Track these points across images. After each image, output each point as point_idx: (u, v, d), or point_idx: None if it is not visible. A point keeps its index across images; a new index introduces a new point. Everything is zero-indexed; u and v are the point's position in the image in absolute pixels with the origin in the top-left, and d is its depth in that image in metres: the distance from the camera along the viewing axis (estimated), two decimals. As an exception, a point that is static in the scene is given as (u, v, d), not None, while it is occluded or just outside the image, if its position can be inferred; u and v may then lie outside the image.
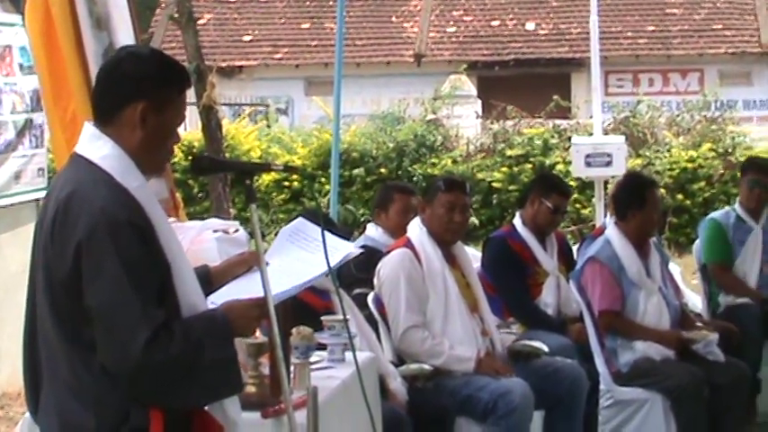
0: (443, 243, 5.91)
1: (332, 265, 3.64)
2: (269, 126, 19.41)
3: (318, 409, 3.57)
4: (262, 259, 3.43)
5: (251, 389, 3.94)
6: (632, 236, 6.34)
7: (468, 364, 5.71)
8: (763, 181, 7.59)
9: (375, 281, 5.89)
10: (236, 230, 4.91)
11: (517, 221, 7.05)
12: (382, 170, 16.86)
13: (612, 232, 6.40)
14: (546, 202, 6.98)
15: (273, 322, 3.38)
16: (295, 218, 4.11)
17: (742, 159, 12.57)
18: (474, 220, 13.25)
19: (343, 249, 3.84)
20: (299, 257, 3.77)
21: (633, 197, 6.47)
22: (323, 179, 16.15)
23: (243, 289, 3.53)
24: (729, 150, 15.98)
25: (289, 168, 4.14)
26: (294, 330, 4.38)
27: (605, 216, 7.95)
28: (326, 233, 3.71)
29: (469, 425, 5.66)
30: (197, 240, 4.70)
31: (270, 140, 18.01)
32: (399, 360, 5.75)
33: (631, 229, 6.36)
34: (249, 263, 3.69)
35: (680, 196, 15.51)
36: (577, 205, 15.45)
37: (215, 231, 4.78)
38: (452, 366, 5.69)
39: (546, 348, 6.05)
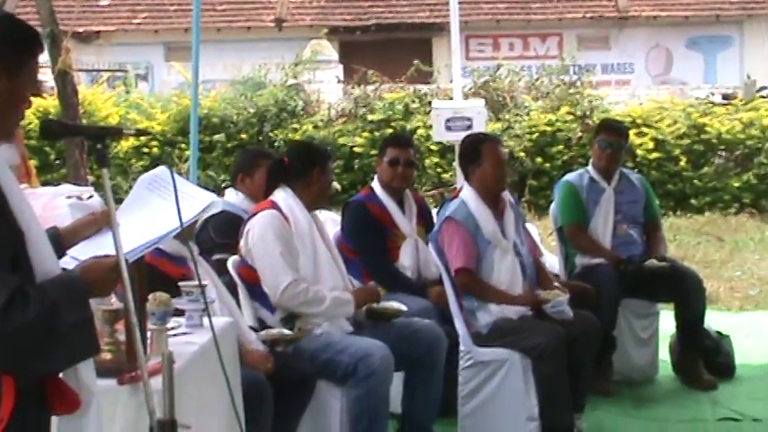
0: (313, 208, 5.95)
1: (194, 214, 3.59)
2: (128, 92, 19.14)
3: (174, 375, 3.53)
4: (115, 223, 3.38)
5: (107, 356, 3.89)
6: (481, 193, 6.40)
7: (349, 306, 5.78)
8: (613, 142, 7.72)
9: (242, 244, 5.84)
10: (90, 196, 4.85)
11: (375, 185, 7.08)
12: (243, 135, 16.76)
13: (467, 193, 6.45)
14: (383, 158, 7.04)
15: (127, 287, 3.33)
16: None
17: (599, 122, 12.78)
18: (336, 185, 13.23)
19: (203, 199, 3.79)
20: (159, 206, 3.71)
21: (470, 154, 6.55)
22: (183, 145, 16.01)
23: (98, 248, 3.47)
24: (587, 114, 16.22)
25: (141, 132, 4.04)
26: (151, 296, 4.34)
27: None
28: (187, 183, 3.66)
29: (330, 388, 5.69)
30: (50, 207, 4.64)
31: (128, 106, 17.77)
32: (260, 325, 5.74)
33: (477, 187, 6.42)
34: (100, 224, 3.63)
35: (539, 159, 15.71)
36: (438, 169, 15.57)
37: (68, 197, 4.71)
38: (336, 310, 5.75)
39: (404, 308, 6.09)
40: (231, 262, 5.93)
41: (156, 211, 3.70)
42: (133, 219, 3.59)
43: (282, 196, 5.88)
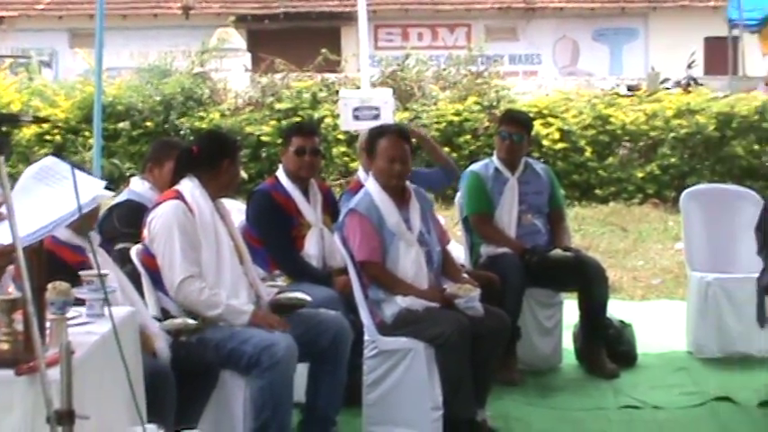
0: (219, 197, 5.90)
1: (83, 203, 3.53)
2: (31, 79, 18.86)
3: (74, 366, 3.48)
4: (12, 211, 3.32)
5: (4, 346, 3.84)
6: (382, 186, 6.39)
7: (243, 317, 5.69)
8: (513, 133, 7.77)
9: (145, 233, 5.79)
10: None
11: (281, 174, 7.05)
12: (148, 123, 16.60)
13: (371, 184, 6.45)
14: (288, 147, 7.03)
15: (24, 276, 3.29)
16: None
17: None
18: (243, 173, 13.18)
19: (93, 188, 3.73)
20: (47, 196, 3.65)
21: (368, 148, 6.58)
22: (86, 133, 15.82)
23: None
24: (494, 104, 16.29)
25: (38, 119, 4.01)
26: (50, 285, 4.27)
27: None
28: (77, 171, 3.60)
29: (234, 378, 5.66)
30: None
31: (31, 93, 17.50)
32: (164, 314, 5.69)
33: (377, 180, 6.42)
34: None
35: (446, 149, 15.72)
36: (345, 158, 15.55)
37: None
38: (228, 318, 5.67)
39: (309, 298, 6.08)
40: (135, 251, 5.87)
41: (44, 199, 3.64)
42: (22, 207, 3.52)
43: (189, 186, 5.83)
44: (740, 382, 7.41)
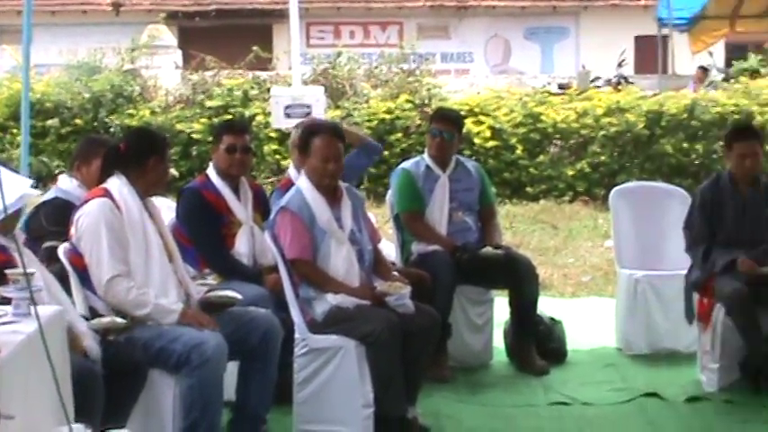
0: (148, 195, 5.87)
1: (9, 203, 3.49)
2: (-44, 76, 18.63)
3: (-1, 365, 3.45)
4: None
5: (-72, 346, 3.78)
6: (314, 185, 6.38)
7: (172, 316, 5.66)
8: (443, 130, 7.79)
9: (72, 231, 5.73)
10: None
11: (211, 172, 7.01)
12: (78, 121, 16.46)
13: (303, 182, 6.43)
14: (219, 145, 7.00)
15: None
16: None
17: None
18: (173, 171, 13.09)
19: (20, 187, 3.69)
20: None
21: (302, 145, 6.56)
22: (14, 130, 15.66)
23: None
24: (426, 102, 16.32)
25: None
26: (-25, 285, 4.22)
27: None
28: (3, 169, 3.56)
29: (163, 377, 5.61)
30: None
31: (-44, 90, 17.31)
32: (92, 313, 5.64)
33: (309, 178, 6.41)
34: None
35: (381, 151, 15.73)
36: (277, 156, 15.51)
37: None
38: (157, 317, 5.63)
39: (239, 296, 6.06)
40: (62, 249, 5.82)
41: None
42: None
43: (117, 184, 5.78)
44: (668, 378, 7.49)
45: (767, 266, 7.16)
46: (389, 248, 7.83)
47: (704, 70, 25.53)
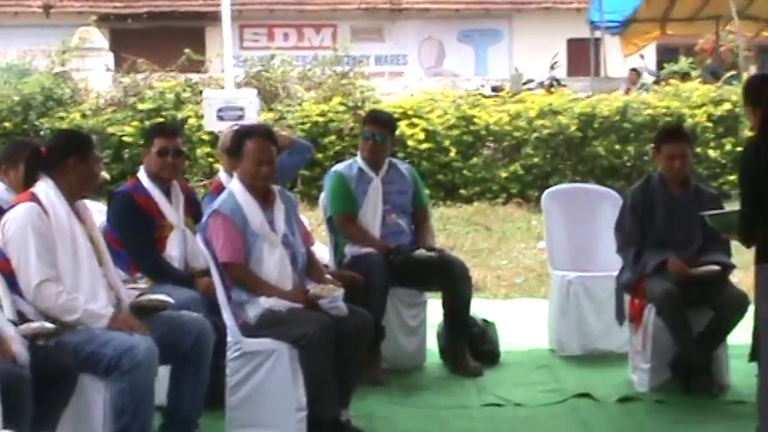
0: (76, 198, 5.82)
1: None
2: None
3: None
4: None
5: None
6: (247, 188, 6.36)
7: (102, 321, 5.61)
8: (376, 133, 7.79)
9: (-1, 236, 5.68)
10: None
11: (142, 175, 6.96)
12: (6, 124, 16.27)
13: (236, 185, 6.40)
14: (150, 148, 6.95)
15: None
16: None
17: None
18: (105, 174, 13.00)
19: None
20: None
21: (234, 148, 6.54)
22: (-59, 135, 15.49)
23: None
24: (359, 104, 16.31)
25: None
26: None
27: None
28: None
29: (93, 382, 5.56)
30: None
31: None
32: (20, 318, 5.58)
33: (242, 180, 6.38)
34: None
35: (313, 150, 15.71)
36: (210, 159, 15.43)
37: None
38: (87, 322, 5.58)
39: (171, 300, 6.02)
40: (-11, 254, 5.74)
41: None
42: None
43: (43, 188, 5.73)
44: (600, 379, 7.54)
45: (697, 267, 7.23)
46: (323, 251, 7.82)
47: (636, 73, 25.76)
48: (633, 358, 7.51)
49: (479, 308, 8.58)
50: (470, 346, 7.85)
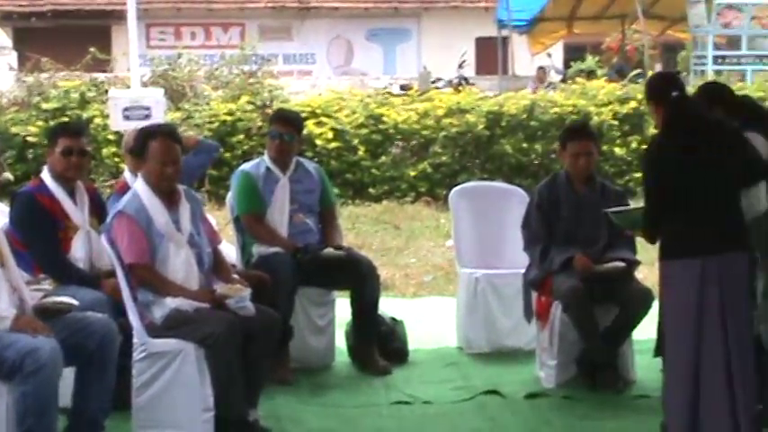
0: None
1: None
2: None
3: None
4: None
5: None
6: (152, 188, 6.32)
7: (4, 323, 5.54)
8: (283, 132, 7.77)
9: None
10: None
11: (45, 175, 6.86)
12: None
13: (140, 185, 6.35)
14: (54, 148, 6.84)
15: None
16: None
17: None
18: (8, 175, 12.81)
19: None
20: None
21: (139, 148, 6.50)
22: None
23: None
24: (267, 103, 16.24)
25: None
26: None
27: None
28: None
29: (-4, 385, 5.49)
30: None
31: None
32: None
33: (147, 181, 6.34)
34: None
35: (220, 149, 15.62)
36: (116, 159, 15.26)
37: None
38: None
39: (75, 302, 5.96)
40: None
41: None
42: None
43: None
44: (507, 376, 7.59)
45: (602, 264, 7.30)
46: (230, 250, 7.78)
47: (544, 71, 26.02)
48: (540, 355, 7.57)
49: (388, 306, 8.59)
50: (379, 344, 7.86)
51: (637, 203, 7.20)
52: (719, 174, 5.64)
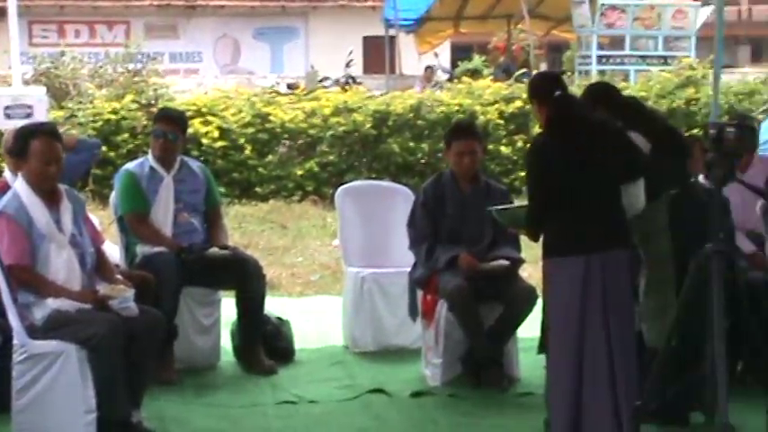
0: None
1: None
2: None
3: None
4: None
5: None
6: (33, 188, 6.23)
7: None
8: (167, 131, 7.70)
9: None
10: None
11: None
12: None
13: (21, 185, 6.26)
14: None
15: None
16: None
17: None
18: None
19: None
20: None
21: (18, 148, 6.39)
22: None
23: None
24: (152, 102, 16.09)
25: None
26: None
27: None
28: None
29: None
30: None
31: None
32: None
33: (27, 181, 6.24)
34: None
35: (104, 148, 15.42)
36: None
37: None
38: None
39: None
40: None
41: None
42: None
43: None
44: (393, 375, 7.61)
45: (487, 263, 7.35)
46: (114, 250, 7.70)
47: (431, 71, 26.16)
48: (426, 353, 7.60)
49: (274, 306, 8.57)
50: (265, 344, 7.83)
51: (521, 202, 7.27)
52: (603, 173, 5.71)
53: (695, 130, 14.65)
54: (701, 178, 6.65)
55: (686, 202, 6.23)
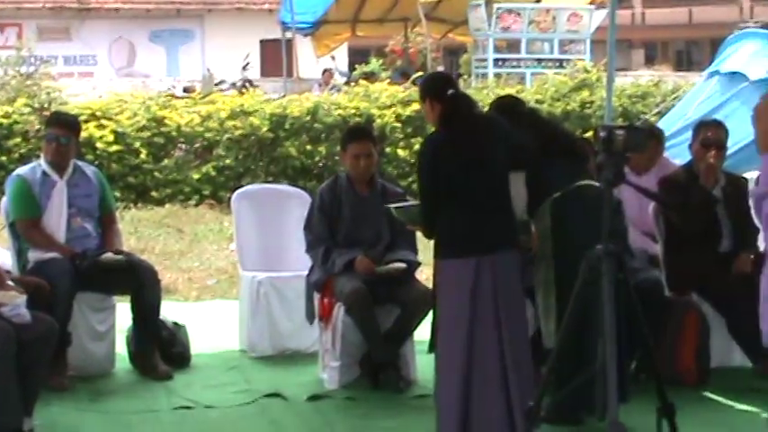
0: None
1: None
2: None
3: None
4: None
5: None
6: None
7: None
8: (59, 135, 7.63)
9: None
10: None
11: None
12: None
13: None
14: None
15: None
16: None
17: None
18: None
19: None
20: None
21: None
22: None
23: None
24: (45, 106, 15.89)
25: None
26: None
27: None
28: None
29: None
30: None
31: None
32: None
33: None
34: None
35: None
36: None
37: None
38: None
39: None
40: None
41: None
42: None
43: None
44: (290, 378, 7.59)
45: (384, 265, 7.37)
46: (5, 257, 7.60)
47: (330, 74, 26.18)
48: (323, 357, 7.60)
49: (170, 311, 8.51)
50: (160, 349, 7.76)
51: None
52: (493, 173, 5.76)
53: (589, 133, 14.83)
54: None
55: (571, 203, 6.29)
